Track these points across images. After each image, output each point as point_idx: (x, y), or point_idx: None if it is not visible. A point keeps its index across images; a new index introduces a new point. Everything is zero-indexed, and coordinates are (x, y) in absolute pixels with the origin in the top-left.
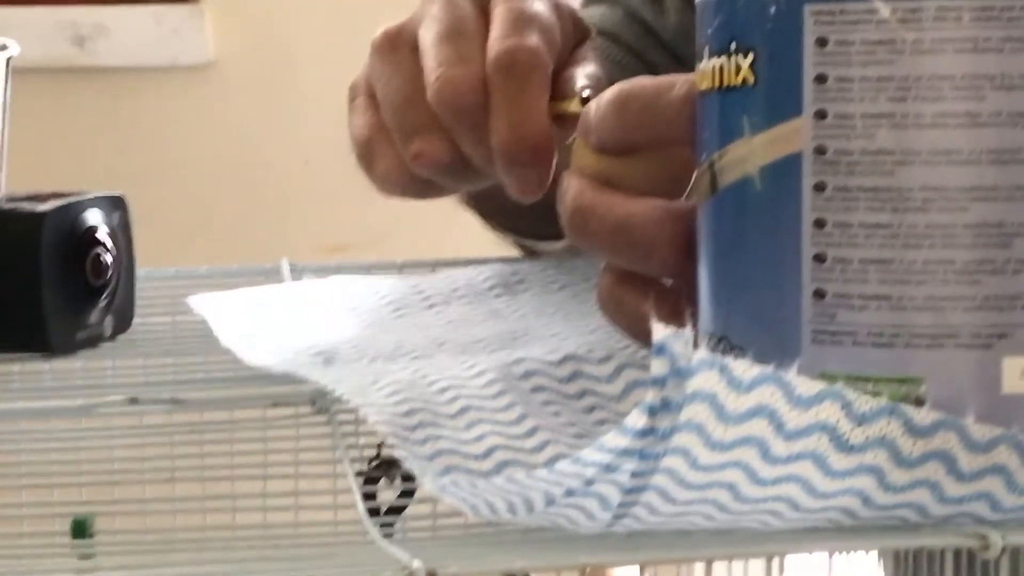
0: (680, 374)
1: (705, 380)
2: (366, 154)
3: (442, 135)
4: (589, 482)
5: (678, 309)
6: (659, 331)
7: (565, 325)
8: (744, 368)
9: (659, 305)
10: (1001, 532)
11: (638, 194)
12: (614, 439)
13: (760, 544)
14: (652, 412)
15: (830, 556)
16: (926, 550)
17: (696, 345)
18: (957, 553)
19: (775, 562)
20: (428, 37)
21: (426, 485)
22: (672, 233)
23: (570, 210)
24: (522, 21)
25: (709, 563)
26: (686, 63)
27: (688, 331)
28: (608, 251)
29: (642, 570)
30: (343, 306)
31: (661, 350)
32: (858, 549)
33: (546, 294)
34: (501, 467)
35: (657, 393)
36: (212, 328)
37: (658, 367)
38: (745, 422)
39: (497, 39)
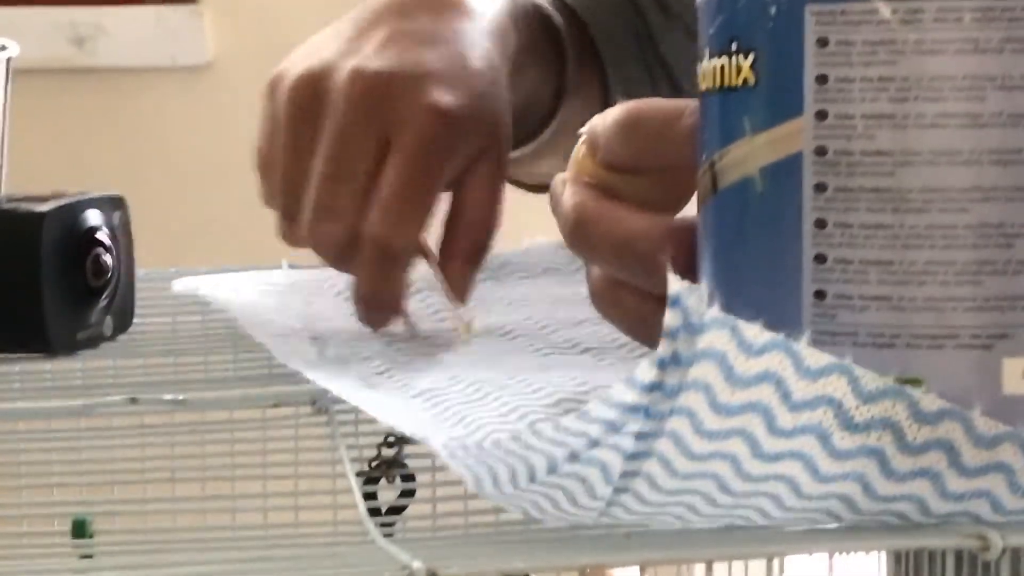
0: (692, 329)
1: (716, 338)
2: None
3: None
4: (593, 443)
5: None
6: (674, 283)
7: (552, 317)
8: (755, 331)
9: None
10: (1001, 533)
11: (640, 206)
12: (622, 393)
13: (761, 544)
14: (662, 365)
15: (830, 557)
16: (927, 550)
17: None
18: (958, 554)
19: (776, 563)
20: (318, 167)
21: (434, 444)
22: (676, 251)
23: (572, 220)
24: (410, 193)
25: (709, 564)
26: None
27: (703, 286)
28: (610, 264)
29: (642, 570)
30: (331, 292)
31: (675, 302)
32: (859, 550)
33: (530, 279)
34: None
35: (668, 346)
36: (206, 295)
37: (671, 319)
38: (752, 387)
39: (376, 214)
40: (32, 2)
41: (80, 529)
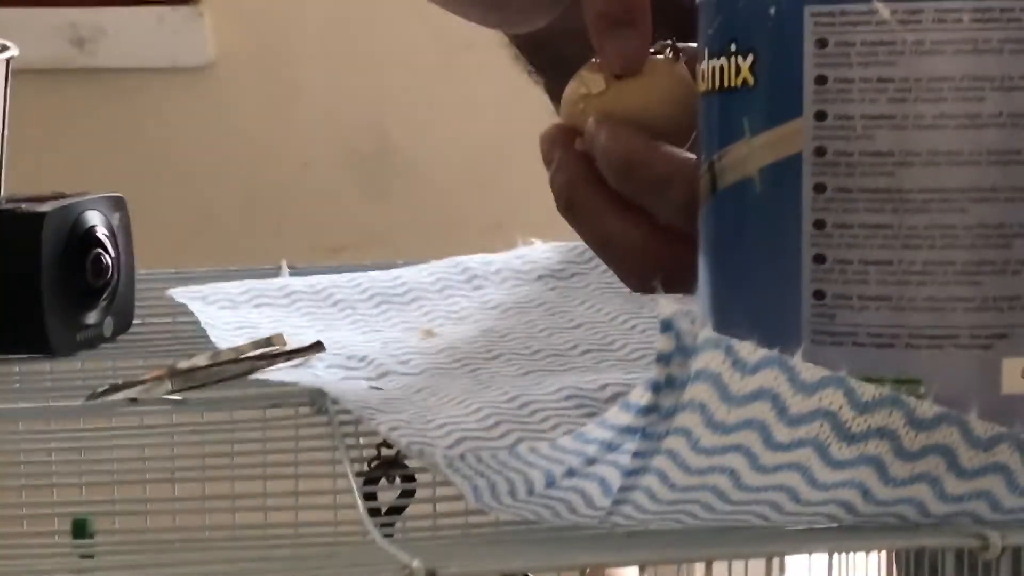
0: (685, 352)
1: (710, 359)
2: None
3: None
4: (590, 461)
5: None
6: (666, 307)
7: (548, 321)
8: (749, 350)
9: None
10: (1001, 532)
11: None
12: (617, 415)
13: (760, 544)
14: (656, 389)
15: (830, 556)
16: (927, 550)
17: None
18: (958, 553)
19: (775, 562)
20: None
21: (435, 458)
22: (654, 260)
23: (560, 199)
24: None
25: (709, 563)
26: None
27: (695, 308)
28: (588, 245)
29: (642, 570)
30: (326, 301)
31: (667, 327)
32: (858, 550)
33: (524, 284)
34: (515, 444)
35: (662, 370)
36: (201, 323)
37: (664, 344)
38: (748, 404)
39: None
40: (33, 3)
41: (80, 529)
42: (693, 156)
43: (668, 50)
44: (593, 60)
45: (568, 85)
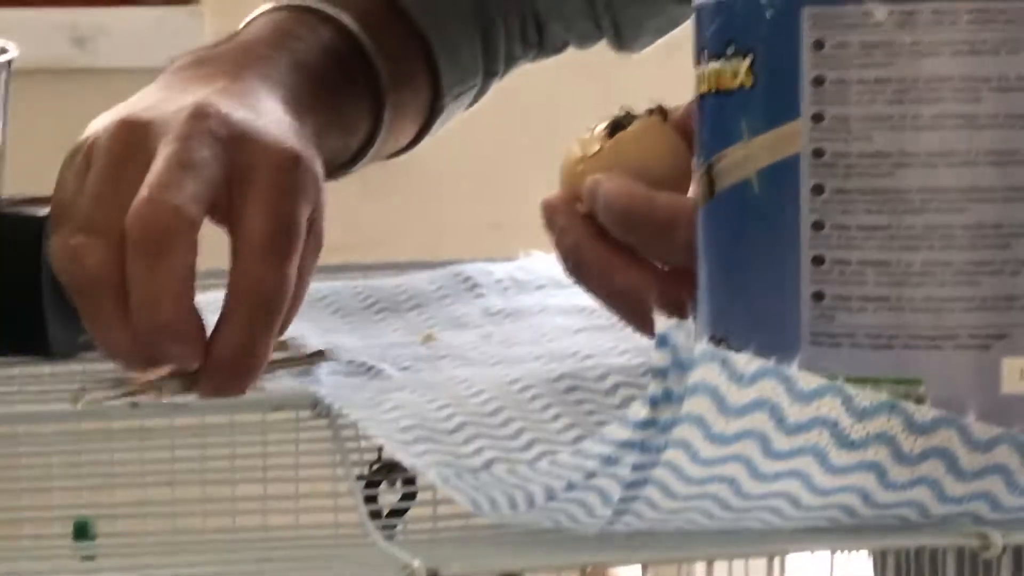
0: (682, 366)
1: (707, 372)
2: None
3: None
4: (590, 475)
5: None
6: (662, 322)
7: (549, 326)
8: (745, 361)
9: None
10: (1002, 531)
11: None
12: (615, 431)
13: (761, 544)
14: (653, 403)
15: (831, 555)
16: (927, 550)
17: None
18: (959, 553)
19: (776, 562)
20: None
21: (430, 477)
22: (665, 303)
23: (568, 262)
24: (175, 168)
25: (710, 563)
26: None
27: (690, 323)
28: (601, 303)
29: (644, 570)
30: (327, 308)
31: (663, 341)
32: (859, 549)
33: (525, 293)
34: (517, 434)
35: (659, 384)
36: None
37: (660, 358)
38: (746, 415)
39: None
40: (33, 3)
41: (82, 531)
42: (692, 199)
43: (655, 113)
44: (587, 128)
45: (565, 153)
